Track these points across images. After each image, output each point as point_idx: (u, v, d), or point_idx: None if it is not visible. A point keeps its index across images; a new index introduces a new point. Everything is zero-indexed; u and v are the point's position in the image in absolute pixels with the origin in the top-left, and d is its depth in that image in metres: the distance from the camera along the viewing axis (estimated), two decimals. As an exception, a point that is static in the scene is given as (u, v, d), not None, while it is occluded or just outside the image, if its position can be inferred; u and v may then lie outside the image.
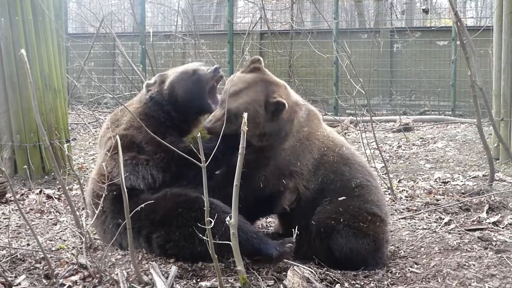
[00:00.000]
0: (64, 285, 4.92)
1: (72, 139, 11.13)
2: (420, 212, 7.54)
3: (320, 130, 5.93)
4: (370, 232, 5.61)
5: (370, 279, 5.31)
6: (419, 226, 6.92)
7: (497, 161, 10.66)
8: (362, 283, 5.22)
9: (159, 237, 5.36)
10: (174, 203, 5.33)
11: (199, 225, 4.88)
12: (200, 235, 4.91)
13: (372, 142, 11.59)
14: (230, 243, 4.53)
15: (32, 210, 7.70)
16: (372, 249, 5.61)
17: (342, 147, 5.93)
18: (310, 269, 5.07)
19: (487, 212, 7.39)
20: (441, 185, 9.38)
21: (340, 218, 5.56)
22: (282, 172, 5.68)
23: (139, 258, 5.29)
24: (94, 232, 6.13)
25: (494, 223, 6.92)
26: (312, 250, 5.71)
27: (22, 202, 8.10)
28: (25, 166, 9.01)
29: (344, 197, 5.68)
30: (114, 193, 5.53)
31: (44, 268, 5.27)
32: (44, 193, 8.43)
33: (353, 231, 5.56)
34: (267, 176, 5.65)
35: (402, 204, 8.01)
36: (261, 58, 5.91)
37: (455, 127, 15.55)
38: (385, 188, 8.85)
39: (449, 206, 7.67)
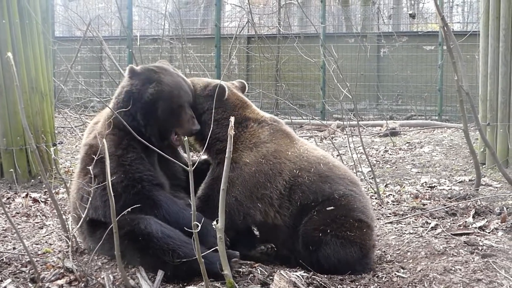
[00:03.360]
0: (50, 289, 4.92)
1: (58, 143, 11.11)
2: (406, 216, 7.55)
3: (292, 150, 5.87)
4: (357, 240, 5.60)
5: (357, 283, 5.32)
6: (405, 230, 6.92)
7: (484, 166, 10.69)
8: (349, 288, 5.23)
9: (128, 260, 5.30)
10: (124, 234, 5.08)
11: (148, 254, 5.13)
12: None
13: (358, 147, 11.62)
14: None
15: (18, 213, 7.67)
16: (359, 256, 5.60)
17: (319, 164, 5.84)
18: (297, 274, 5.08)
19: (473, 217, 7.42)
20: (427, 189, 9.40)
21: (327, 229, 5.55)
22: (254, 193, 5.65)
23: (125, 262, 5.27)
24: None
25: (480, 227, 6.94)
26: (298, 258, 5.73)
27: (8, 205, 8.07)
28: (11, 170, 9.00)
29: (332, 207, 5.65)
30: (88, 218, 5.44)
31: (30, 272, 5.26)
32: (30, 197, 8.40)
33: (340, 241, 5.55)
34: (238, 198, 5.59)
35: (388, 209, 8.02)
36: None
37: (441, 132, 15.60)
38: (371, 192, 8.87)
39: (436, 210, 7.69)
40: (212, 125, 5.56)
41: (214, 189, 5.57)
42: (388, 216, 7.64)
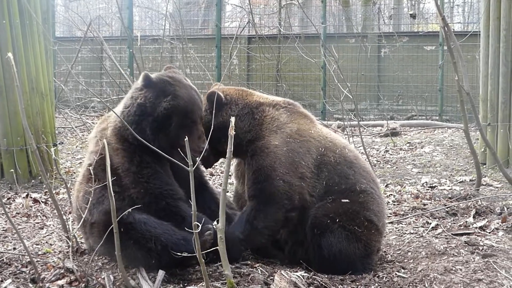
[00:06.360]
0: (51, 289, 4.92)
1: (59, 143, 11.10)
2: (407, 216, 7.55)
3: (314, 129, 5.92)
4: (363, 238, 5.61)
5: (357, 283, 5.32)
6: (406, 230, 6.93)
7: (484, 166, 10.70)
8: (349, 288, 5.23)
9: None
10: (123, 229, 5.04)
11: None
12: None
13: (359, 147, 11.61)
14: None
15: (18, 214, 7.67)
16: (361, 254, 5.61)
17: (344, 148, 5.91)
18: (297, 274, 5.08)
19: (474, 217, 7.42)
20: (428, 189, 9.40)
21: (337, 218, 5.56)
22: (295, 172, 5.65)
23: (126, 263, 5.26)
24: (81, 236, 6.10)
25: (481, 227, 6.94)
26: (304, 250, 5.75)
27: (8, 206, 8.07)
28: (12, 170, 8.99)
29: (347, 200, 5.67)
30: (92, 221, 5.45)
31: (31, 272, 5.26)
32: (31, 197, 8.39)
33: (346, 233, 5.56)
34: (285, 179, 5.60)
35: (389, 209, 8.01)
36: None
37: (442, 132, 15.59)
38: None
39: (436, 210, 7.69)
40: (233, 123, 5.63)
41: (259, 181, 5.62)
42: (389, 216, 7.63)
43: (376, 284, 5.29)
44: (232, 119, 4.53)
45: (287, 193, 5.58)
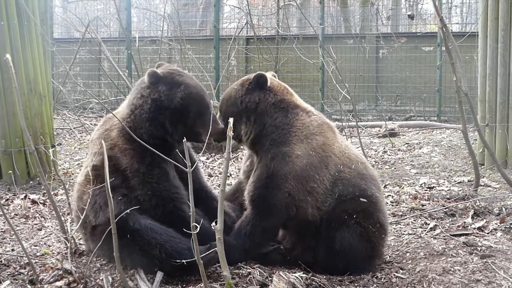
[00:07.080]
0: (49, 290, 4.91)
1: (57, 144, 11.08)
2: (405, 217, 7.55)
3: (336, 145, 5.91)
4: (373, 239, 5.64)
5: (356, 284, 5.32)
6: (404, 231, 6.93)
7: (482, 167, 10.69)
8: (348, 289, 5.23)
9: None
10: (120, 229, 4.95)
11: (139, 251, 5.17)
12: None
13: (357, 148, 11.61)
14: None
15: (17, 215, 7.66)
16: (368, 255, 5.64)
17: (358, 163, 5.91)
18: (296, 275, 5.07)
19: (472, 218, 7.42)
20: (426, 190, 9.39)
21: (354, 214, 5.59)
22: (305, 185, 5.63)
23: (124, 264, 5.26)
24: (79, 238, 6.10)
25: (479, 228, 6.94)
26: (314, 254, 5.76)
27: (7, 207, 8.06)
28: (10, 171, 8.98)
29: (365, 200, 5.68)
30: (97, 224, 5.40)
31: (29, 273, 5.26)
32: (29, 198, 8.39)
33: (360, 230, 5.58)
34: (291, 192, 5.58)
35: (387, 210, 8.00)
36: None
37: (440, 133, 15.59)
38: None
39: (435, 211, 7.69)
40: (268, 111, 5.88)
41: (268, 187, 5.60)
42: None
43: (375, 285, 5.30)
44: (231, 120, 4.51)
45: (286, 205, 5.57)
